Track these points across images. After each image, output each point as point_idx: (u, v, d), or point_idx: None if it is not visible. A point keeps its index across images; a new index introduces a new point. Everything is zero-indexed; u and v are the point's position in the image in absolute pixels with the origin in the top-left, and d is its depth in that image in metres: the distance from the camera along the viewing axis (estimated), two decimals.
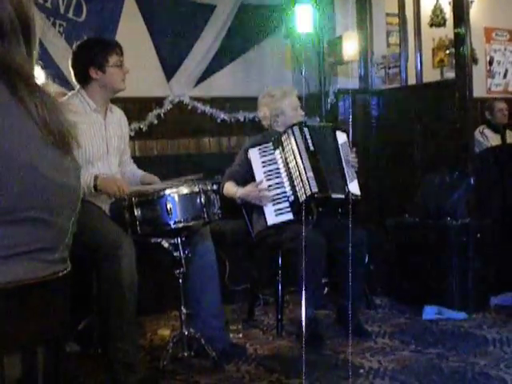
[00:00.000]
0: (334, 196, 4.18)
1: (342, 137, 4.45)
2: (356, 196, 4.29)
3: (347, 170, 4.33)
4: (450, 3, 6.57)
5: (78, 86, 3.79)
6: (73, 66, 3.76)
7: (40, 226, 1.44)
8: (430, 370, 3.52)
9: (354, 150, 4.43)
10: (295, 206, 4.14)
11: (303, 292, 3.87)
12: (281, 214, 4.20)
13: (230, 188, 4.35)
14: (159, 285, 4.29)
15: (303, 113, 4.48)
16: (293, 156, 4.20)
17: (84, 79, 3.73)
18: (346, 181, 4.26)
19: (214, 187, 3.72)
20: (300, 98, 4.59)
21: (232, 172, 4.43)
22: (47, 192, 1.44)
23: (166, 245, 3.61)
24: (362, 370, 3.55)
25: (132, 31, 5.38)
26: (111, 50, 3.72)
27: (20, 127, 1.41)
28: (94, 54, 3.71)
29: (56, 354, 1.47)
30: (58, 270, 1.48)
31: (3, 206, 1.36)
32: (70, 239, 1.56)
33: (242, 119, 5.97)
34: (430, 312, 4.52)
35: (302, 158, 4.17)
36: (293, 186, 4.18)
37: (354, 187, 4.32)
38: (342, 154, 4.35)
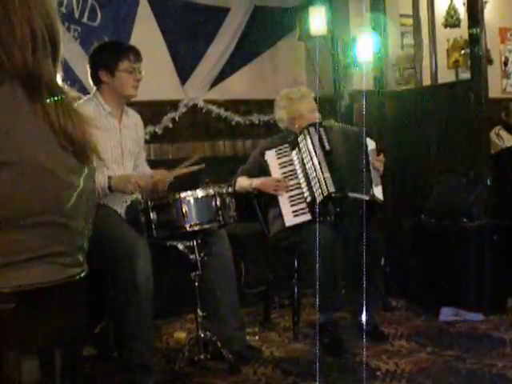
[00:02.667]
0: (352, 195, 4.16)
1: (371, 144, 4.44)
2: (377, 199, 4.28)
3: (372, 174, 4.31)
4: (464, 4, 6.54)
5: (93, 90, 3.81)
6: (89, 67, 3.79)
7: (56, 230, 1.45)
8: (447, 372, 3.50)
9: (382, 156, 4.40)
10: (313, 206, 4.12)
11: (318, 294, 3.88)
12: (299, 214, 4.19)
13: (243, 181, 4.37)
14: (175, 288, 4.29)
15: (319, 115, 4.48)
16: (309, 157, 4.20)
17: (96, 81, 3.77)
18: (368, 182, 4.24)
19: (230, 190, 3.72)
20: (315, 100, 4.59)
21: (245, 169, 4.45)
22: (63, 196, 1.45)
23: (181, 247, 3.63)
24: (378, 373, 3.54)
25: (146, 35, 5.38)
26: (123, 55, 3.73)
27: (37, 133, 1.43)
28: (106, 56, 3.74)
29: (73, 356, 1.48)
30: (74, 273, 1.49)
31: (20, 209, 1.37)
32: (87, 242, 1.57)
33: (256, 122, 5.97)
34: (446, 313, 4.49)
35: (318, 158, 4.16)
36: (310, 187, 4.18)
37: (377, 192, 4.30)
38: (365, 157, 4.32)
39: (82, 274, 1.52)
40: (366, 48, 5.51)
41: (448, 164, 5.17)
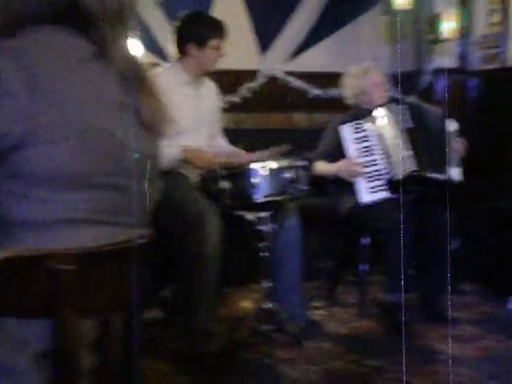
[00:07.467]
0: (433, 176, 4.09)
1: (452, 125, 4.34)
2: (454, 179, 4.19)
3: (452, 156, 4.21)
4: None
5: (172, 58, 3.84)
6: (174, 35, 3.80)
7: (117, 192, 1.46)
8: None
9: (463, 141, 4.31)
10: (391, 184, 4.06)
11: (388, 274, 3.85)
12: (376, 191, 4.13)
13: (321, 166, 4.33)
14: (242, 257, 4.31)
15: (387, 89, 4.38)
16: (390, 133, 4.12)
17: (181, 51, 3.78)
18: (446, 163, 4.15)
19: (304, 163, 3.70)
20: (395, 76, 4.52)
21: (321, 152, 4.40)
22: (124, 158, 1.46)
23: (251, 218, 3.63)
24: (442, 357, 3.49)
25: (228, 4, 5.38)
26: (215, 32, 3.75)
27: (100, 94, 1.44)
28: (198, 31, 3.74)
29: (131, 321, 1.50)
30: (137, 236, 1.50)
31: (81, 170, 1.39)
32: (150, 205, 1.57)
33: (335, 95, 5.91)
34: None
35: (400, 136, 4.08)
36: (389, 164, 4.11)
37: (455, 173, 4.21)
38: (447, 138, 4.23)
39: (145, 238, 1.53)
40: (450, 24, 5.38)
41: None
